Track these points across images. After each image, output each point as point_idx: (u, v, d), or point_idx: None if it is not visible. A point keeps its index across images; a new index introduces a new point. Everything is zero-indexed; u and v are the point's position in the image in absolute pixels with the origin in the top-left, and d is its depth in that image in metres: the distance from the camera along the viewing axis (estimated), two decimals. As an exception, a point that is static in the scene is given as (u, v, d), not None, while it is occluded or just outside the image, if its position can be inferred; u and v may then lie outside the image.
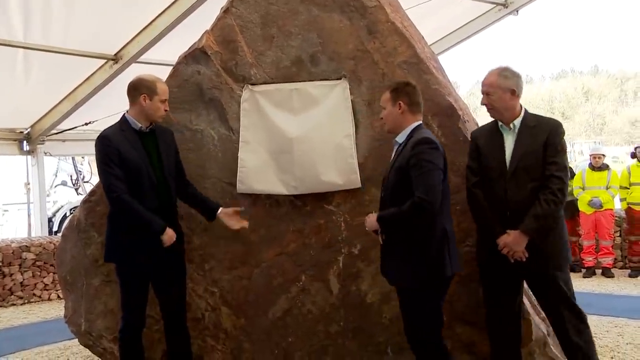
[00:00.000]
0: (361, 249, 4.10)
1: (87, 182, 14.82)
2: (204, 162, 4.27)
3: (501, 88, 3.47)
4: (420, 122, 3.42)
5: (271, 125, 4.08)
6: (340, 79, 4.07)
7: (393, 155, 3.43)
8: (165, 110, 3.76)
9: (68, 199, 13.99)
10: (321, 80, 4.11)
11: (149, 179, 3.63)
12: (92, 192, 4.54)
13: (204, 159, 4.28)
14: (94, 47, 7.45)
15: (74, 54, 7.36)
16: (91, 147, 10.41)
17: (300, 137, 4.01)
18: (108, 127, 3.72)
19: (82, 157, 15.07)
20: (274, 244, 4.24)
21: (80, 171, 14.95)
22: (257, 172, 4.05)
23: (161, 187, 3.71)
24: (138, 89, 3.68)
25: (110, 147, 3.55)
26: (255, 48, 4.20)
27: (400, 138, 3.39)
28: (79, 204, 5.17)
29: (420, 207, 3.11)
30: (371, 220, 3.37)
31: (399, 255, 3.29)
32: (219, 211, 3.91)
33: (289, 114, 4.07)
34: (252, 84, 4.17)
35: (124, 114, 3.75)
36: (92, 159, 18.44)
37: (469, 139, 3.77)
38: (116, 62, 7.62)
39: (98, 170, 3.63)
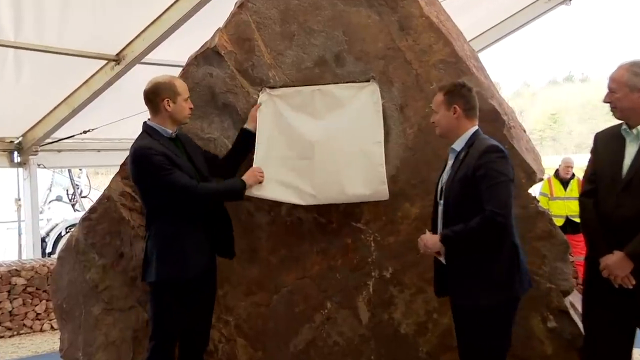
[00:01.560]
0: (394, 272, 4.14)
1: (85, 197, 14.97)
2: (217, 174, 4.34)
3: (628, 86, 3.38)
4: (477, 127, 3.45)
5: (290, 129, 4.15)
6: (368, 80, 4.14)
7: (450, 164, 3.45)
8: (191, 109, 3.92)
9: (64, 216, 14.06)
10: (347, 82, 4.18)
11: (197, 179, 3.78)
12: (93, 209, 4.64)
13: (217, 169, 4.35)
14: (93, 47, 7.47)
15: (70, 54, 7.37)
16: (90, 158, 10.43)
17: (322, 141, 4.07)
18: (139, 140, 3.80)
19: (80, 170, 15.24)
20: (295, 267, 4.30)
21: (77, 185, 15.10)
22: (272, 177, 4.10)
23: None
24: (158, 94, 3.80)
25: (158, 155, 3.66)
26: (274, 47, 4.29)
27: (458, 145, 3.42)
28: (76, 222, 5.25)
29: (493, 222, 3.13)
30: (432, 240, 3.37)
31: (464, 273, 3.30)
32: (246, 124, 4.19)
33: (311, 117, 4.14)
34: (270, 87, 4.26)
35: (147, 123, 3.86)
36: (91, 172, 18.69)
37: (514, 146, 3.80)
38: (118, 63, 7.67)
39: (153, 185, 3.70)
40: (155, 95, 3.80)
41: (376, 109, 4.08)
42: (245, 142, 4.15)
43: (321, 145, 4.07)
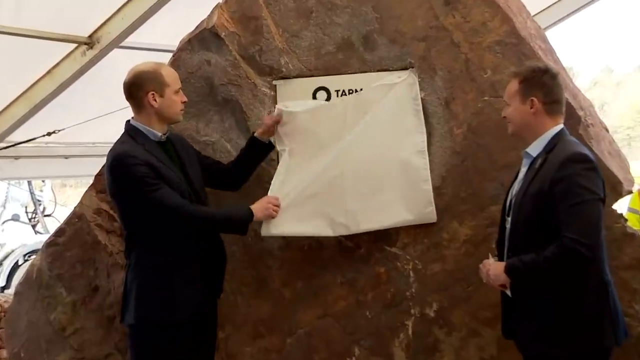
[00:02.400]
0: (439, 309, 4.17)
1: (50, 215, 14.95)
2: (216, 186, 4.42)
3: None
4: (562, 126, 3.41)
5: (313, 147, 4.18)
6: (406, 69, 4.17)
7: (523, 173, 3.45)
8: (184, 102, 3.92)
9: (22, 240, 13.97)
10: (379, 71, 4.22)
11: (189, 197, 3.81)
12: (60, 231, 4.70)
13: (216, 182, 4.42)
14: (58, 27, 7.40)
15: (30, 36, 7.33)
16: (55, 167, 10.51)
17: (352, 157, 4.12)
18: (119, 144, 3.82)
19: (43, 182, 15.22)
20: (314, 303, 4.34)
21: (39, 201, 15.00)
22: (291, 208, 4.10)
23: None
24: (140, 87, 3.80)
25: (141, 165, 3.66)
26: (287, 27, 4.35)
27: (534, 149, 3.41)
28: (38, 248, 5.27)
29: (574, 253, 3.06)
30: (495, 270, 3.36)
31: (537, 314, 3.29)
32: (257, 133, 4.21)
33: (338, 129, 4.17)
34: (283, 78, 4.31)
35: (129, 123, 3.88)
36: (57, 184, 18.67)
37: (593, 150, 3.80)
38: (91, 48, 7.64)
39: (134, 202, 3.72)
40: (137, 88, 3.80)
41: (415, 106, 4.13)
42: (257, 151, 4.20)
43: (350, 159, 4.11)
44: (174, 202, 3.67)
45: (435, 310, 4.18)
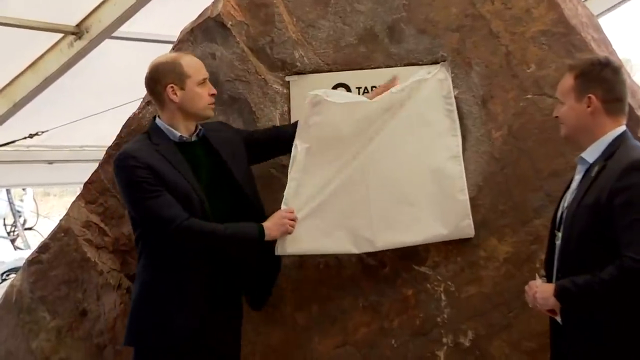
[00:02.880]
0: (475, 338, 4.16)
1: (31, 229, 14.97)
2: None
3: None
4: (624, 128, 3.37)
5: (334, 135, 4.17)
6: (437, 63, 4.19)
7: (577, 182, 3.41)
8: (212, 95, 3.92)
9: (0, 257, 14.09)
10: (406, 65, 4.24)
11: (204, 214, 3.80)
12: (44, 247, 4.74)
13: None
14: (42, 14, 7.44)
15: (9, 24, 7.33)
16: (38, 173, 10.57)
17: (377, 159, 4.12)
18: (130, 142, 3.93)
19: (24, 190, 15.24)
20: (332, 330, 4.35)
21: (19, 212, 15.02)
22: (308, 218, 4.09)
23: (234, 217, 3.89)
24: (158, 80, 3.85)
25: (141, 167, 3.72)
26: (302, 16, 4.37)
27: (591, 154, 3.36)
28: (18, 266, 5.27)
29: (635, 275, 3.03)
30: (543, 293, 3.32)
31: (593, 345, 3.25)
32: None
33: (362, 120, 4.16)
34: (297, 73, 4.35)
35: (153, 120, 3.96)
36: (40, 193, 18.58)
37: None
38: (79, 38, 7.67)
39: (133, 206, 3.83)
40: (155, 82, 3.87)
41: (448, 106, 4.13)
42: None
43: (376, 169, 4.10)
44: (170, 213, 3.69)
45: (470, 340, 4.16)
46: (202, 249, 3.81)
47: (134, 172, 3.72)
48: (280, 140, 4.19)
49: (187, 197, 3.77)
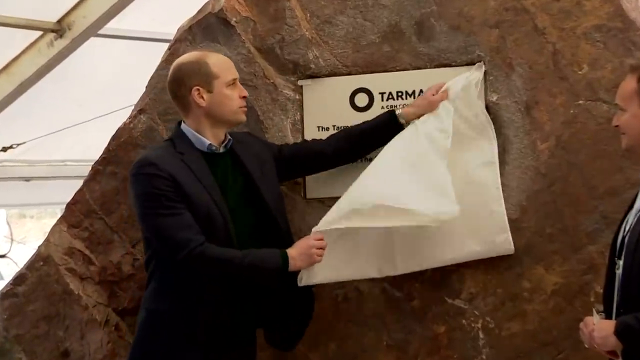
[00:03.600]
0: (518, 382, 4.14)
1: (4, 256, 15.11)
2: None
3: None
4: None
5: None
6: (472, 64, 4.17)
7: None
8: (244, 97, 3.92)
9: None
10: (437, 66, 4.23)
11: (227, 236, 3.80)
12: (19, 278, 4.72)
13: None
14: (19, 10, 7.54)
15: None
16: (12, 193, 10.59)
17: (402, 169, 4.10)
18: (153, 148, 3.95)
19: (-5, 211, 15.48)
20: (352, 372, 4.32)
21: (-9, 237, 15.27)
22: (335, 243, 4.05)
23: (259, 240, 3.90)
24: (182, 83, 3.85)
25: (163, 177, 3.72)
26: (317, 11, 4.36)
27: None
28: None
29: None
30: (601, 331, 3.27)
31: None
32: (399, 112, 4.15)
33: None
34: (312, 76, 4.34)
35: (179, 125, 3.96)
36: (14, 215, 18.66)
37: None
38: (60, 36, 7.74)
39: (143, 220, 3.84)
40: (179, 85, 3.86)
41: (483, 109, 4.13)
42: (385, 133, 4.14)
43: (400, 176, 4.07)
44: (184, 236, 3.69)
45: (513, 383, 4.15)
46: (218, 277, 3.81)
47: (152, 181, 3.72)
48: (310, 158, 4.20)
49: (210, 215, 3.77)
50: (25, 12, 7.51)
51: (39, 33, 7.80)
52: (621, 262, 3.32)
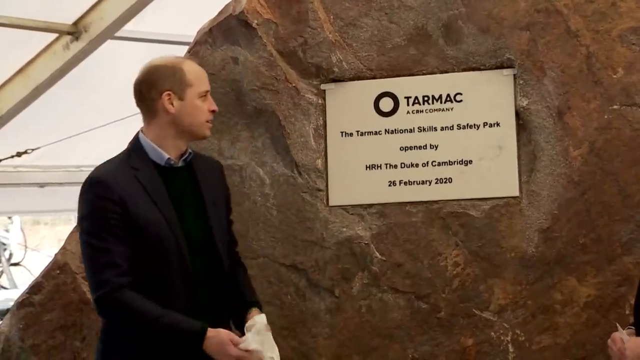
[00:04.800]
0: (550, 398, 4.10)
1: (18, 264, 15.14)
2: (245, 225, 4.39)
3: None
4: None
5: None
6: (502, 67, 4.16)
7: None
8: (213, 112, 3.79)
9: None
10: (465, 70, 4.23)
11: (181, 259, 3.67)
12: (36, 287, 4.69)
13: (245, 219, 4.40)
14: (34, 12, 7.57)
15: None
16: (27, 199, 10.62)
17: None
18: (105, 162, 3.80)
19: (9, 218, 15.47)
20: (377, 386, 4.30)
21: (4, 245, 15.23)
22: None
23: (203, 271, 3.74)
24: (153, 85, 3.70)
25: (109, 200, 3.59)
26: (341, 13, 4.34)
27: None
28: (2, 308, 5.22)
29: None
30: (635, 349, 3.23)
31: None
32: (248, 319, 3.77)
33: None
34: (335, 80, 4.32)
35: (137, 135, 3.82)
36: (29, 222, 18.76)
37: None
38: (77, 39, 7.77)
39: (81, 243, 3.71)
40: (149, 88, 3.70)
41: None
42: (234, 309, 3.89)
43: None
44: (104, 276, 3.52)
45: (545, 400, 4.12)
46: (130, 329, 3.64)
47: (96, 204, 3.59)
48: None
49: (161, 235, 3.62)
50: (40, 13, 7.52)
51: (55, 35, 7.82)
52: None
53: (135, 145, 3.74)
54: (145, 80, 3.70)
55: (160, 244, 3.60)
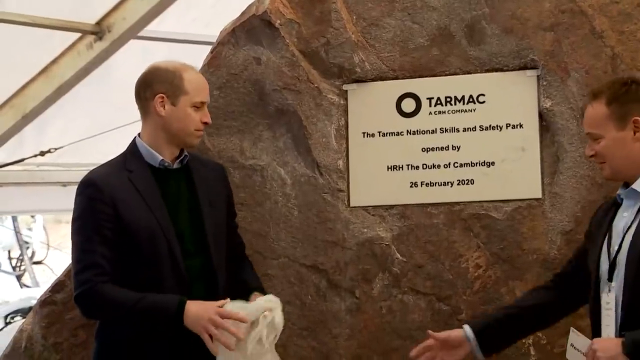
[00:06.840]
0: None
1: (40, 262, 15.04)
2: (266, 226, 4.44)
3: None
4: None
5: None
6: (525, 68, 4.17)
7: (628, 221, 3.42)
8: (205, 124, 3.83)
9: (3, 296, 14.13)
10: (488, 71, 4.24)
11: (173, 260, 3.71)
12: (59, 285, 4.74)
13: (266, 219, 4.44)
14: (57, 11, 7.54)
15: (18, 22, 7.46)
16: (50, 198, 10.66)
17: None
18: (103, 165, 3.88)
19: (32, 217, 15.41)
20: (397, 389, 4.30)
21: (27, 244, 15.17)
22: None
23: (198, 271, 3.78)
24: (149, 86, 3.78)
25: (100, 201, 3.66)
26: (364, 13, 4.37)
27: None
28: (26, 307, 5.22)
29: None
30: (607, 351, 3.23)
31: None
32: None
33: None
34: (357, 81, 4.35)
35: (135, 138, 3.89)
36: (50, 220, 18.66)
37: None
38: (100, 38, 7.75)
39: (71, 244, 3.80)
40: (144, 88, 3.79)
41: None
42: None
43: None
44: (84, 277, 3.60)
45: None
46: (111, 320, 3.72)
47: (88, 204, 3.67)
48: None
49: (153, 238, 3.67)
50: (63, 13, 7.52)
51: (78, 35, 7.80)
52: (613, 284, 3.35)
53: (132, 148, 3.83)
54: (143, 79, 3.82)
55: (152, 246, 3.66)
